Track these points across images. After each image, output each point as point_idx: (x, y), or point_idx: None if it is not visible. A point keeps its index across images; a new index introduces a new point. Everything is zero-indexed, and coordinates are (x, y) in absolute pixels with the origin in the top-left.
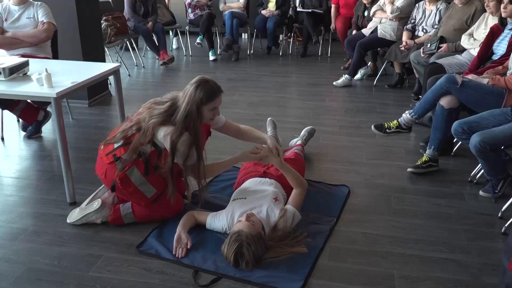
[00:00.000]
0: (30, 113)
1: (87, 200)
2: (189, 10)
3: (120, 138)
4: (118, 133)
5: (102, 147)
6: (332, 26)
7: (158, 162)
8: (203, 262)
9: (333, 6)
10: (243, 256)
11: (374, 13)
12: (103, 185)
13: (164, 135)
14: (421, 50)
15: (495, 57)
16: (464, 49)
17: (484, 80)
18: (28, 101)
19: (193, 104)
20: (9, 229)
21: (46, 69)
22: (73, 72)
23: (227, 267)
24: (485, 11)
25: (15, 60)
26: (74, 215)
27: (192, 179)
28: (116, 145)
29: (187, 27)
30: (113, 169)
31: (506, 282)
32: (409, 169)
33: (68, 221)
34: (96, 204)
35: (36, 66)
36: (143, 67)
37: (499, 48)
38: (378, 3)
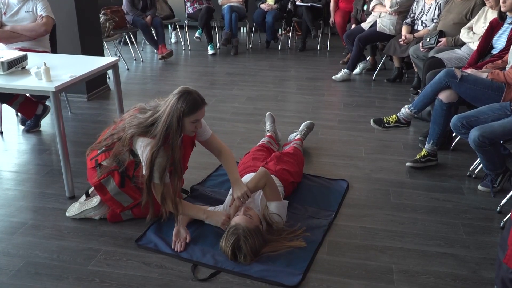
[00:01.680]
0: (29, 107)
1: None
2: (188, 4)
3: (103, 145)
4: (102, 140)
5: (88, 152)
6: (331, 20)
7: (135, 173)
8: (202, 256)
9: (332, 0)
10: (240, 249)
11: (373, 7)
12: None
13: (142, 145)
14: (420, 44)
15: (494, 51)
16: (463, 43)
17: (483, 74)
18: (27, 95)
19: (174, 115)
20: (8, 223)
21: (44, 63)
22: (71, 66)
23: (226, 261)
24: (484, 5)
25: (14, 54)
26: (73, 210)
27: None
28: (99, 151)
29: (185, 21)
30: (94, 175)
31: (502, 275)
32: (408, 164)
33: (67, 214)
34: (95, 201)
35: (35, 60)
36: (142, 61)
37: (499, 42)
38: None
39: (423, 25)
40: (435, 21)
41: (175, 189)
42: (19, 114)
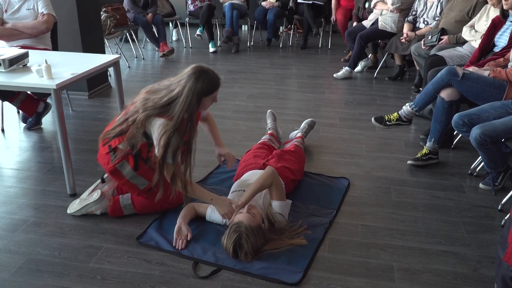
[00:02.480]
0: (30, 105)
1: (88, 191)
2: (189, 2)
3: (117, 131)
4: (115, 126)
5: (101, 137)
6: (333, 18)
7: (148, 155)
8: (203, 253)
9: None
10: (242, 247)
11: (375, 4)
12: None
13: (159, 126)
14: (422, 42)
15: (496, 49)
16: (465, 41)
17: (485, 72)
18: (28, 92)
19: (194, 96)
20: (9, 220)
21: (46, 60)
22: (72, 64)
23: (227, 259)
24: (486, 2)
25: (15, 51)
26: (74, 206)
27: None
28: (112, 136)
29: (187, 19)
30: (108, 160)
31: (502, 273)
32: (409, 162)
33: (68, 212)
34: (96, 195)
35: (36, 57)
36: (143, 58)
37: (501, 40)
38: None
39: (425, 22)
40: (437, 18)
41: (187, 169)
42: (20, 111)
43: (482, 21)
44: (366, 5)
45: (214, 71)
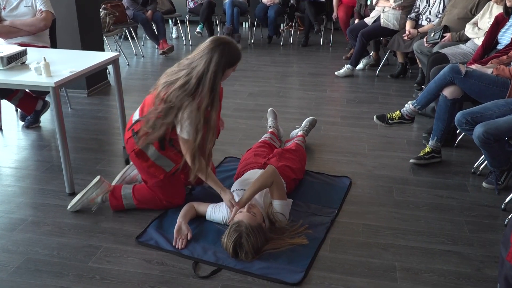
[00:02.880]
0: (29, 103)
1: (116, 179)
2: None
3: (161, 132)
4: (150, 126)
5: (140, 140)
6: (334, 15)
7: (171, 135)
8: (203, 253)
9: None
10: (242, 246)
11: (377, 1)
12: (131, 164)
13: (191, 110)
14: (425, 39)
15: (499, 47)
16: (468, 39)
17: (488, 70)
18: (27, 90)
19: (220, 70)
20: (8, 220)
21: (44, 58)
22: (71, 61)
23: (227, 259)
24: (489, 0)
25: (13, 49)
26: (74, 199)
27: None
28: (134, 120)
29: (187, 16)
30: (132, 143)
31: (505, 272)
32: (411, 160)
33: (68, 208)
34: (95, 180)
35: (34, 55)
36: (143, 56)
37: (504, 37)
38: None
39: (428, 20)
40: (439, 16)
41: (206, 149)
42: (18, 109)
43: (485, 19)
44: (368, 2)
45: (233, 40)
